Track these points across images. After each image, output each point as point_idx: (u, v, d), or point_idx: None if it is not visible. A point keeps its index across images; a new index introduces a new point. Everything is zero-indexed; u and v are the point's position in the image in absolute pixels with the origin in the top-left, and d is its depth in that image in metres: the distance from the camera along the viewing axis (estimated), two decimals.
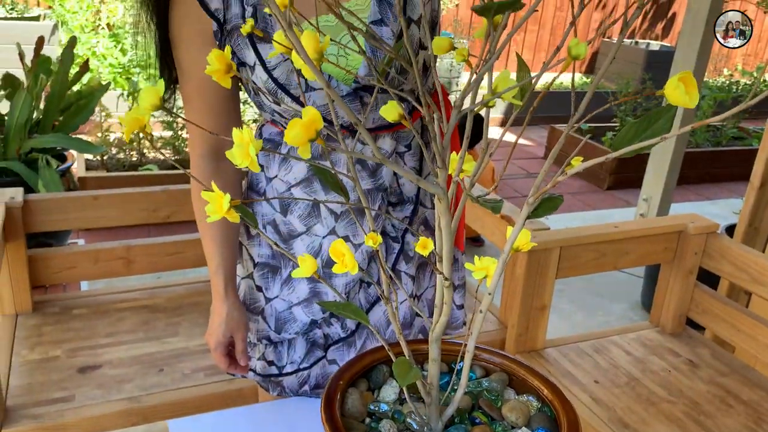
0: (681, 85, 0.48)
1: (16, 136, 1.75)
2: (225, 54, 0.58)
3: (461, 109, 0.54)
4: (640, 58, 5.94)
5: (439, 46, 0.60)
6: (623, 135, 0.54)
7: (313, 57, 0.54)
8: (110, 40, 4.25)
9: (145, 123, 0.58)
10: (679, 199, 3.98)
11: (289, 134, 0.50)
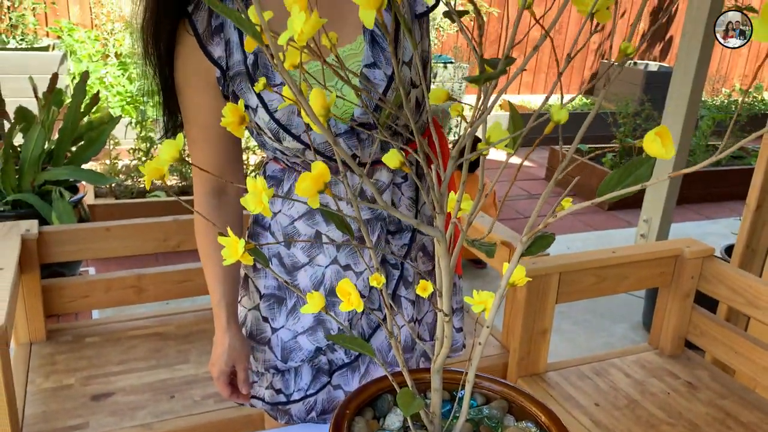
0: (657, 138, 0.53)
1: (31, 169, 1.80)
2: (239, 107, 0.63)
3: (456, 160, 0.59)
4: (638, 79, 6.01)
5: (436, 96, 0.65)
6: (607, 182, 0.59)
7: (319, 113, 0.58)
8: (118, 69, 4.34)
9: (164, 173, 0.63)
10: (680, 219, 4.02)
11: (300, 187, 0.55)
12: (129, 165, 3.51)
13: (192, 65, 0.93)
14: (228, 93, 0.94)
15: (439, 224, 0.62)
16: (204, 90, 0.93)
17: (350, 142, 0.95)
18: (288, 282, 1.04)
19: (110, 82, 4.26)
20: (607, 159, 4.39)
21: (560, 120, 0.49)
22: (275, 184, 1.05)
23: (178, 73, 0.94)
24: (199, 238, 1.05)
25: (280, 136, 0.93)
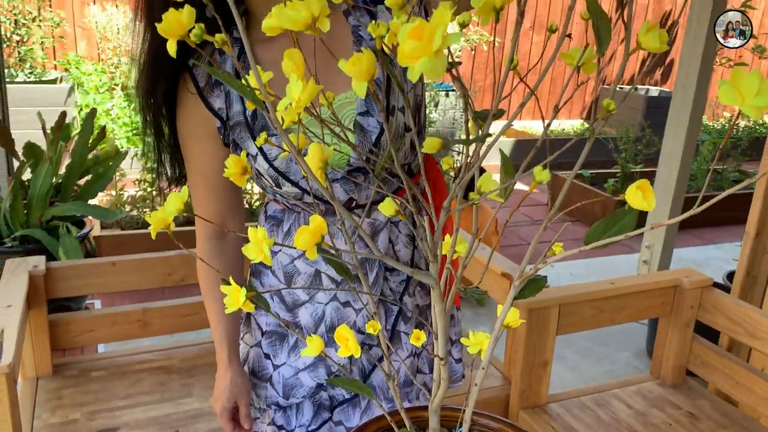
0: (639, 192, 0.56)
1: (39, 205, 1.84)
2: (241, 158, 0.66)
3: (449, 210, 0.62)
4: (639, 104, 6.06)
5: (430, 145, 0.68)
6: (594, 230, 0.61)
7: (317, 167, 0.61)
8: (124, 101, 4.41)
9: (169, 222, 0.66)
10: (682, 244, 4.03)
11: (299, 240, 0.57)
12: (135, 195, 3.55)
13: (193, 117, 0.96)
14: (228, 141, 0.97)
15: (432, 272, 0.64)
16: (205, 140, 0.97)
17: (347, 187, 0.98)
18: (288, 323, 1.07)
19: (116, 114, 4.32)
20: (609, 185, 4.42)
21: (542, 180, 0.52)
22: (275, 224, 1.08)
23: (180, 124, 0.97)
24: (200, 278, 1.08)
25: (279, 182, 0.96)
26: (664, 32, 0.56)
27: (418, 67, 0.38)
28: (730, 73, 0.47)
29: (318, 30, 0.47)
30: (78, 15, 4.88)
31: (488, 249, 1.84)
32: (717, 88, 2.42)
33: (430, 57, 0.38)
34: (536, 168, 0.52)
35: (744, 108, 0.46)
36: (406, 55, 0.39)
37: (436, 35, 0.37)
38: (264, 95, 0.55)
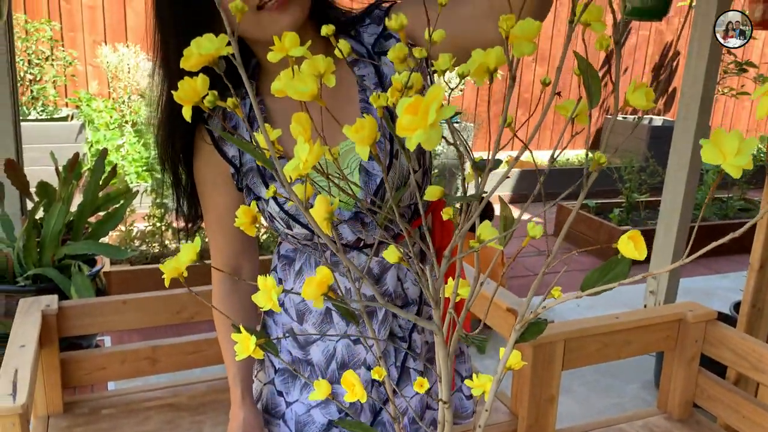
0: (630, 242, 0.58)
1: (51, 244, 1.88)
2: (251, 208, 0.69)
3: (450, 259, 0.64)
4: (643, 134, 6.11)
5: (431, 193, 0.71)
6: (590, 278, 0.64)
7: (323, 218, 0.64)
8: (133, 137, 4.48)
9: (182, 271, 0.70)
10: (689, 273, 4.03)
11: (306, 291, 0.60)
12: (144, 231, 3.59)
13: (209, 165, 1.01)
14: (242, 186, 1.02)
15: (436, 318, 0.67)
16: (220, 185, 1.02)
17: (354, 227, 1.01)
18: (298, 363, 1.10)
19: (126, 151, 4.39)
20: (615, 215, 4.44)
21: (535, 236, 0.54)
22: (288, 263, 1.12)
23: (196, 171, 1.02)
24: (216, 316, 1.12)
25: (290, 224, 1.00)
26: (650, 91, 0.59)
27: (415, 138, 0.41)
28: (712, 134, 0.50)
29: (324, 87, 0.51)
30: (90, 54, 4.99)
31: (494, 283, 1.86)
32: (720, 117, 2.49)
33: (426, 129, 0.41)
34: (530, 224, 0.55)
35: (725, 166, 0.49)
36: (403, 127, 0.42)
37: (431, 110, 0.40)
38: (272, 152, 0.58)
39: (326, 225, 0.63)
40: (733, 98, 6.63)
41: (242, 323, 1.15)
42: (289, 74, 0.56)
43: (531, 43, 0.52)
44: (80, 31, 4.99)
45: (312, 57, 0.57)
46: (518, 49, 0.51)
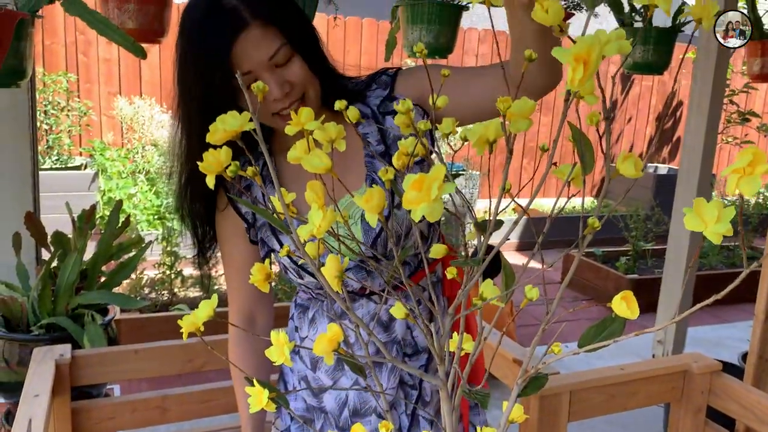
0: (623, 302, 0.62)
1: (66, 294, 1.92)
2: (264, 266, 0.73)
3: (453, 316, 0.68)
4: (649, 182, 6.16)
5: (436, 251, 0.75)
6: (586, 335, 0.67)
7: (334, 275, 0.68)
8: (146, 185, 4.57)
9: (199, 326, 0.74)
10: (697, 322, 4.02)
11: (318, 347, 0.64)
12: (154, 278, 3.63)
13: (227, 220, 1.08)
14: (256, 239, 1.08)
15: (441, 373, 0.70)
16: (237, 239, 1.09)
17: (359, 275, 1.06)
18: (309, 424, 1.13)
19: (139, 199, 4.47)
20: (621, 263, 4.45)
21: (533, 297, 0.58)
22: (302, 311, 1.18)
23: (217, 225, 1.09)
24: (231, 365, 1.17)
25: (301, 274, 1.06)
26: (639, 160, 0.64)
27: (419, 211, 0.46)
28: (694, 202, 0.54)
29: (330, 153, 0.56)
30: (105, 105, 5.13)
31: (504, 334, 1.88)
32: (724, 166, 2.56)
33: (429, 203, 0.45)
34: (527, 287, 0.59)
35: (707, 233, 0.53)
36: (409, 201, 0.46)
37: (433, 187, 0.45)
38: (286, 215, 0.63)
39: (337, 283, 0.67)
40: (737, 147, 6.69)
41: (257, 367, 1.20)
42: (304, 145, 0.61)
43: (527, 120, 0.57)
44: (96, 83, 5.14)
45: (325, 125, 0.63)
46: (515, 125, 0.56)
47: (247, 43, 0.94)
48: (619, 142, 6.99)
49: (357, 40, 5.95)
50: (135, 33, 1.91)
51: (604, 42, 0.53)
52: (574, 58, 0.44)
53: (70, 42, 5.03)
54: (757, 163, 0.44)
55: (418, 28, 2.32)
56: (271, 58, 0.96)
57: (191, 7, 0.99)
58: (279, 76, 0.97)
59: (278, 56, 0.96)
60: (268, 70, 0.96)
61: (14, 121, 2.04)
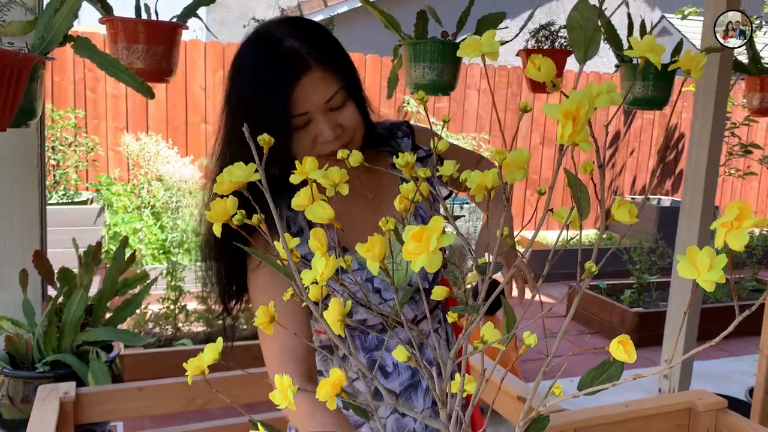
0: (620, 346, 0.63)
1: (71, 331, 1.93)
2: (269, 308, 0.75)
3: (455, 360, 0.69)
4: (652, 214, 6.17)
5: (438, 293, 0.76)
6: (585, 378, 0.68)
7: (336, 319, 0.69)
8: (151, 219, 4.60)
9: (204, 370, 0.75)
10: (703, 356, 3.98)
11: (320, 392, 0.65)
12: (158, 313, 3.64)
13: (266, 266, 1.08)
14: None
15: (442, 416, 0.71)
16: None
17: (411, 305, 1.10)
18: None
19: (144, 234, 4.50)
20: (626, 296, 4.44)
21: (531, 344, 0.59)
22: (329, 352, 1.15)
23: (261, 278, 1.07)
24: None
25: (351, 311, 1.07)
26: (633, 207, 0.65)
27: (419, 262, 0.47)
28: (687, 250, 0.56)
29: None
30: (112, 141, 5.20)
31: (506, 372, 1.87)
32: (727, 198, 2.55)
33: (428, 254, 0.47)
34: (525, 332, 0.60)
35: (699, 281, 0.55)
36: (409, 252, 0.48)
37: (432, 239, 0.46)
38: (291, 265, 0.64)
39: (339, 326, 0.69)
40: (741, 179, 6.71)
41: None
42: (308, 194, 0.63)
43: (522, 170, 0.59)
44: (104, 118, 5.22)
45: (330, 170, 0.65)
46: (510, 175, 0.58)
47: (307, 86, 0.97)
48: (622, 175, 7.02)
49: (360, 76, 6.02)
50: (143, 73, 1.95)
51: (594, 95, 0.55)
52: (563, 115, 0.46)
53: (78, 79, 5.12)
54: (743, 217, 0.45)
55: (420, 66, 2.36)
56: (327, 101, 0.99)
57: (250, 46, 1.02)
58: (333, 119, 1.00)
59: (335, 100, 1.00)
60: (323, 113, 0.99)
61: (23, 158, 2.07)
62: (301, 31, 1.02)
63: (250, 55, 1.02)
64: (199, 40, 5.44)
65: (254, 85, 0.99)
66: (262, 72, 0.98)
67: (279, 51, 0.98)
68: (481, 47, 0.57)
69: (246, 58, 1.02)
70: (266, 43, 1.01)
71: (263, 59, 0.99)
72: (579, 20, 0.56)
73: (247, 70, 1.01)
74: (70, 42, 1.69)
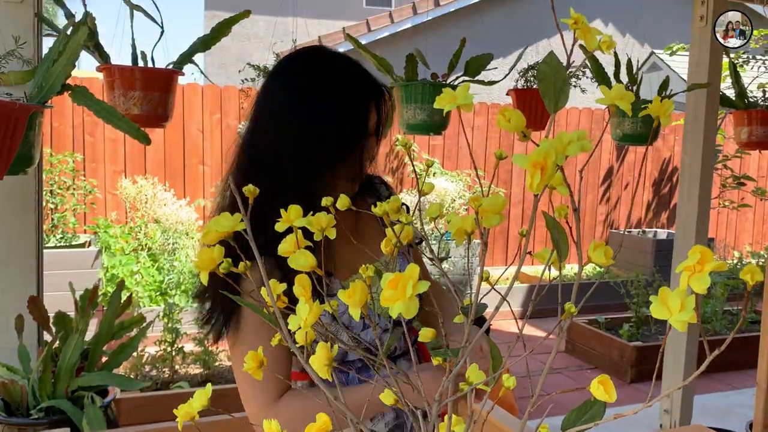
0: (600, 386, 0.64)
1: (66, 376, 1.92)
2: (258, 353, 0.76)
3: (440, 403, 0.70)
4: (648, 247, 6.19)
5: (424, 335, 0.78)
6: (568, 418, 0.69)
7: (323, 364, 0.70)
8: (148, 261, 4.61)
9: (195, 416, 0.76)
10: (704, 390, 3.96)
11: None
12: (155, 355, 3.62)
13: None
14: None
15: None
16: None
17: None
18: None
19: (141, 276, 4.50)
20: (625, 330, 4.43)
21: (509, 386, 0.61)
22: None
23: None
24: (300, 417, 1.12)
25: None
26: (609, 249, 0.67)
27: (396, 308, 0.49)
28: (659, 291, 0.57)
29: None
30: (110, 184, 5.24)
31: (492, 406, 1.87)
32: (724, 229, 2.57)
33: (404, 301, 0.49)
34: (505, 375, 0.61)
35: (672, 321, 0.56)
36: (386, 299, 0.50)
37: (408, 287, 0.48)
38: (276, 311, 0.66)
39: (326, 371, 0.70)
40: (735, 211, 6.75)
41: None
42: (293, 242, 0.65)
43: (498, 215, 0.61)
44: (102, 162, 5.27)
45: (318, 215, 0.67)
46: (487, 221, 0.60)
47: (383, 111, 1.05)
48: (617, 209, 7.05)
49: None
50: (140, 119, 1.99)
51: (565, 144, 0.57)
52: (531, 165, 0.48)
53: (77, 123, 5.19)
54: (705, 261, 0.47)
55: (412, 107, 2.40)
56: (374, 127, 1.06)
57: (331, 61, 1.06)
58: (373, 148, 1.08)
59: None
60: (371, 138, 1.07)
61: (20, 205, 2.10)
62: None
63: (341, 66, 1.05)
64: (197, 84, 5.53)
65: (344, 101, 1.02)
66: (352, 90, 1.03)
67: (363, 73, 1.04)
68: (456, 100, 0.60)
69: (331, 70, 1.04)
70: (350, 62, 1.06)
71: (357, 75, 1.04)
72: (548, 72, 0.58)
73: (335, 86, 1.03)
74: (68, 91, 1.73)
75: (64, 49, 1.66)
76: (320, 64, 1.06)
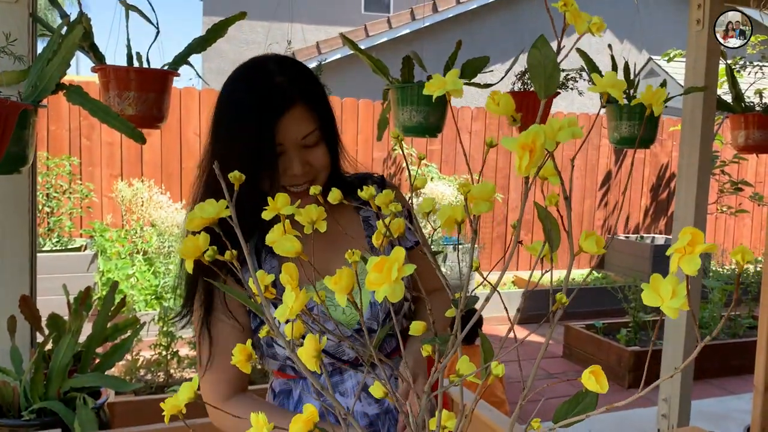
0: (592, 376, 0.63)
1: (58, 377, 1.91)
2: (246, 347, 0.75)
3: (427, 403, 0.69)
4: (646, 252, 6.18)
5: (415, 329, 0.77)
6: (560, 410, 0.68)
7: (312, 355, 0.70)
8: (144, 265, 4.59)
9: (181, 408, 0.74)
10: (701, 395, 3.94)
11: (294, 428, 0.65)
12: (150, 359, 3.60)
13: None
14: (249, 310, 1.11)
15: None
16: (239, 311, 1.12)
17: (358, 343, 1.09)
18: None
19: (137, 279, 4.49)
20: (622, 335, 4.41)
21: (498, 374, 0.60)
22: (285, 397, 1.17)
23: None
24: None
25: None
26: (601, 238, 0.66)
27: (381, 292, 0.48)
28: (651, 278, 0.57)
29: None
30: (106, 188, 5.23)
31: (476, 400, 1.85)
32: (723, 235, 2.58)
33: (390, 284, 0.48)
34: (494, 363, 0.60)
35: (663, 308, 0.55)
36: (371, 282, 0.49)
37: (393, 269, 0.47)
38: (263, 300, 0.65)
39: (315, 363, 0.69)
40: (733, 216, 6.75)
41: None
42: (280, 230, 0.64)
43: (488, 202, 0.60)
44: (99, 165, 5.26)
45: (306, 207, 0.66)
46: (477, 207, 0.59)
47: (289, 120, 1.03)
48: (615, 214, 7.05)
49: (354, 119, 6.11)
50: (135, 119, 1.98)
51: (556, 129, 0.56)
52: (520, 147, 0.47)
53: (74, 127, 5.18)
54: (695, 243, 0.46)
55: (408, 110, 2.39)
56: (303, 138, 1.05)
57: (239, 79, 1.07)
58: (303, 156, 1.06)
59: (310, 138, 1.06)
60: (296, 148, 1.06)
61: (14, 205, 2.08)
62: (291, 69, 1.08)
63: (241, 85, 1.07)
64: (194, 88, 5.53)
65: (242, 112, 1.04)
66: (251, 101, 1.03)
67: (269, 84, 1.04)
68: (445, 85, 0.59)
69: (234, 89, 1.07)
70: (258, 74, 1.06)
71: (253, 90, 1.04)
72: (538, 58, 0.58)
73: (235, 102, 1.06)
74: (63, 90, 1.72)
75: (59, 48, 1.66)
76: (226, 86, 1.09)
